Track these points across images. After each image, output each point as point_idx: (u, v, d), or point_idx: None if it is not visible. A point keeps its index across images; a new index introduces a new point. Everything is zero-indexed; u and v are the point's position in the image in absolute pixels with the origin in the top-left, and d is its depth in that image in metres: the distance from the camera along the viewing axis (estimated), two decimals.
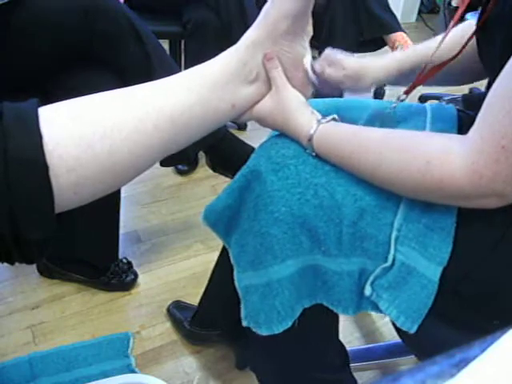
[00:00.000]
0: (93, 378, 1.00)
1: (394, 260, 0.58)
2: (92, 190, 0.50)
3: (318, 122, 0.60)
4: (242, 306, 0.65)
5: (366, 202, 0.58)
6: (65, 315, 1.18)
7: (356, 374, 0.85)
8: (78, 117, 0.49)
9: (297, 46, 0.62)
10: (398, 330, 0.64)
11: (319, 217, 0.58)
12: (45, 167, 0.44)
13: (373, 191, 0.59)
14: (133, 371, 1.05)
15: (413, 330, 0.58)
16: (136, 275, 1.27)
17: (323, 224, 0.58)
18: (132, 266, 1.28)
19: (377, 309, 0.61)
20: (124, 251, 1.34)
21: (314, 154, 0.61)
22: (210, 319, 1.07)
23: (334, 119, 0.62)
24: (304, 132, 0.60)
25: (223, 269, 0.77)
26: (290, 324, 0.63)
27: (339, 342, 0.81)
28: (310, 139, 0.60)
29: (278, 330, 0.63)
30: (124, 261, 1.27)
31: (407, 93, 0.71)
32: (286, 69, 0.62)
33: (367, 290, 0.60)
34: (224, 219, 0.67)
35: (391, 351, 1.07)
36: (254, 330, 0.64)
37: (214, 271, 0.99)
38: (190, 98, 0.55)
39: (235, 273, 0.66)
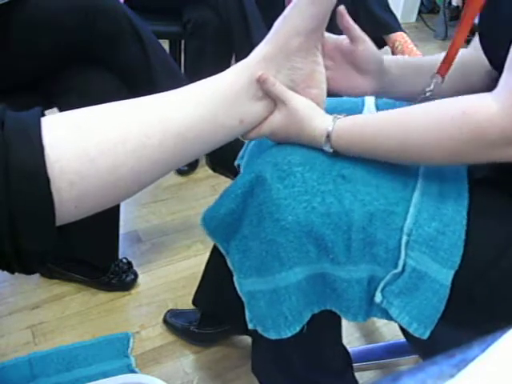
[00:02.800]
0: (93, 378, 1.00)
1: (404, 266, 0.57)
2: (93, 204, 0.49)
3: (335, 118, 0.59)
4: (247, 309, 0.64)
5: (374, 206, 0.57)
6: (65, 315, 1.18)
7: (356, 374, 0.85)
8: (81, 129, 0.48)
9: (309, 63, 0.60)
10: (404, 332, 0.64)
11: (326, 224, 0.57)
12: (46, 180, 0.44)
13: (381, 196, 0.58)
14: (133, 371, 1.05)
15: (425, 336, 0.57)
16: (136, 275, 1.27)
17: (330, 232, 0.57)
18: (132, 266, 1.28)
19: (387, 315, 0.60)
20: (124, 251, 1.34)
21: (331, 150, 0.59)
22: (218, 317, 1.07)
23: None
24: (321, 132, 0.59)
25: (219, 265, 0.76)
26: (298, 329, 0.62)
27: (342, 345, 0.81)
28: (328, 136, 0.58)
29: (286, 334, 0.61)
30: (124, 261, 1.27)
31: (442, 73, 0.67)
32: (298, 86, 0.60)
33: (377, 297, 0.58)
34: (224, 225, 0.66)
35: (391, 351, 1.07)
36: (261, 333, 0.63)
37: (207, 270, 1.00)
38: (197, 113, 0.54)
39: (236, 278, 0.64)
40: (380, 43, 1.81)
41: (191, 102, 0.54)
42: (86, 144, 0.47)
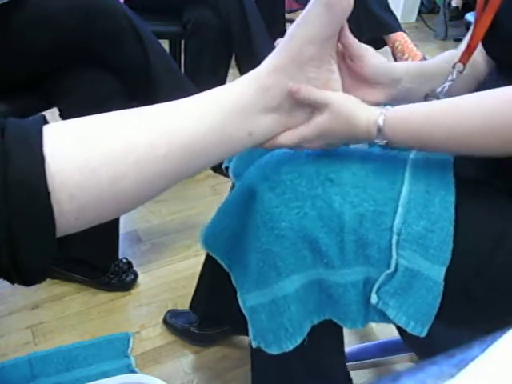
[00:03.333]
0: (93, 377, 1.00)
1: (396, 265, 0.57)
2: (94, 216, 0.48)
3: (383, 109, 0.57)
4: (250, 326, 0.64)
5: (363, 207, 0.57)
6: (65, 315, 1.18)
7: (351, 374, 0.84)
8: (83, 139, 0.46)
9: (323, 72, 0.57)
10: (400, 331, 0.64)
11: (319, 228, 0.57)
12: (46, 192, 0.42)
13: (369, 197, 0.58)
14: (133, 371, 1.05)
15: (423, 334, 0.57)
16: (136, 275, 1.27)
17: (324, 235, 0.57)
18: (132, 266, 1.28)
19: (384, 318, 0.60)
20: (124, 251, 1.34)
21: (384, 142, 0.57)
22: (219, 317, 1.07)
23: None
24: (369, 124, 0.56)
25: (214, 269, 0.76)
26: (299, 341, 0.61)
27: (344, 362, 0.80)
28: (379, 129, 0.56)
29: (288, 347, 0.61)
30: (124, 261, 1.27)
31: (464, 61, 0.66)
32: None
33: (373, 299, 0.58)
34: (223, 241, 0.66)
35: (385, 349, 1.07)
36: (263, 349, 0.63)
37: (203, 275, 0.99)
38: (204, 125, 0.51)
39: (239, 294, 0.64)
40: (380, 43, 1.81)
41: (198, 112, 0.52)
42: (87, 155, 0.45)
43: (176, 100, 0.53)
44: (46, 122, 0.47)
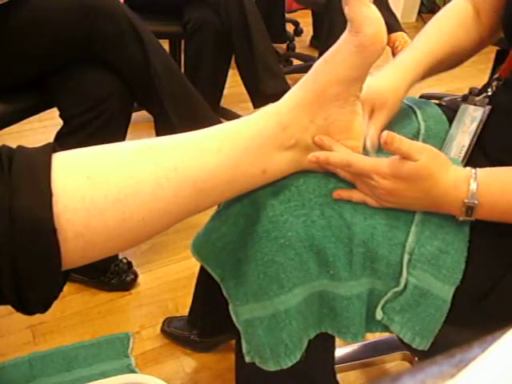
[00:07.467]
0: (93, 378, 1.00)
1: (406, 284, 0.56)
2: (99, 254, 0.47)
3: (471, 169, 0.54)
4: (244, 340, 0.61)
5: (375, 220, 0.56)
6: (65, 315, 1.18)
7: (344, 375, 0.83)
8: (92, 176, 0.45)
9: (347, 113, 0.54)
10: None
11: (328, 237, 0.55)
12: (52, 230, 0.41)
13: (382, 210, 0.56)
14: (133, 371, 1.05)
15: (426, 348, 0.57)
16: (136, 275, 1.27)
17: (332, 245, 0.55)
18: (132, 266, 1.28)
19: (386, 329, 0.59)
20: (124, 251, 1.34)
21: (476, 202, 0.53)
22: (217, 330, 1.07)
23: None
24: (460, 182, 0.53)
25: (209, 281, 0.73)
26: (298, 357, 0.58)
27: (334, 374, 0.77)
28: (471, 186, 0.53)
29: (287, 364, 0.58)
30: (124, 261, 1.27)
31: (504, 75, 0.66)
32: (334, 137, 0.55)
33: (378, 315, 0.57)
34: (216, 250, 0.62)
35: (376, 349, 1.06)
36: (258, 365, 0.60)
37: (198, 287, 0.99)
38: (217, 162, 0.49)
39: (231, 307, 0.61)
40: None
41: (213, 149, 0.49)
42: (95, 194, 0.44)
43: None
44: (54, 150, 0.46)
